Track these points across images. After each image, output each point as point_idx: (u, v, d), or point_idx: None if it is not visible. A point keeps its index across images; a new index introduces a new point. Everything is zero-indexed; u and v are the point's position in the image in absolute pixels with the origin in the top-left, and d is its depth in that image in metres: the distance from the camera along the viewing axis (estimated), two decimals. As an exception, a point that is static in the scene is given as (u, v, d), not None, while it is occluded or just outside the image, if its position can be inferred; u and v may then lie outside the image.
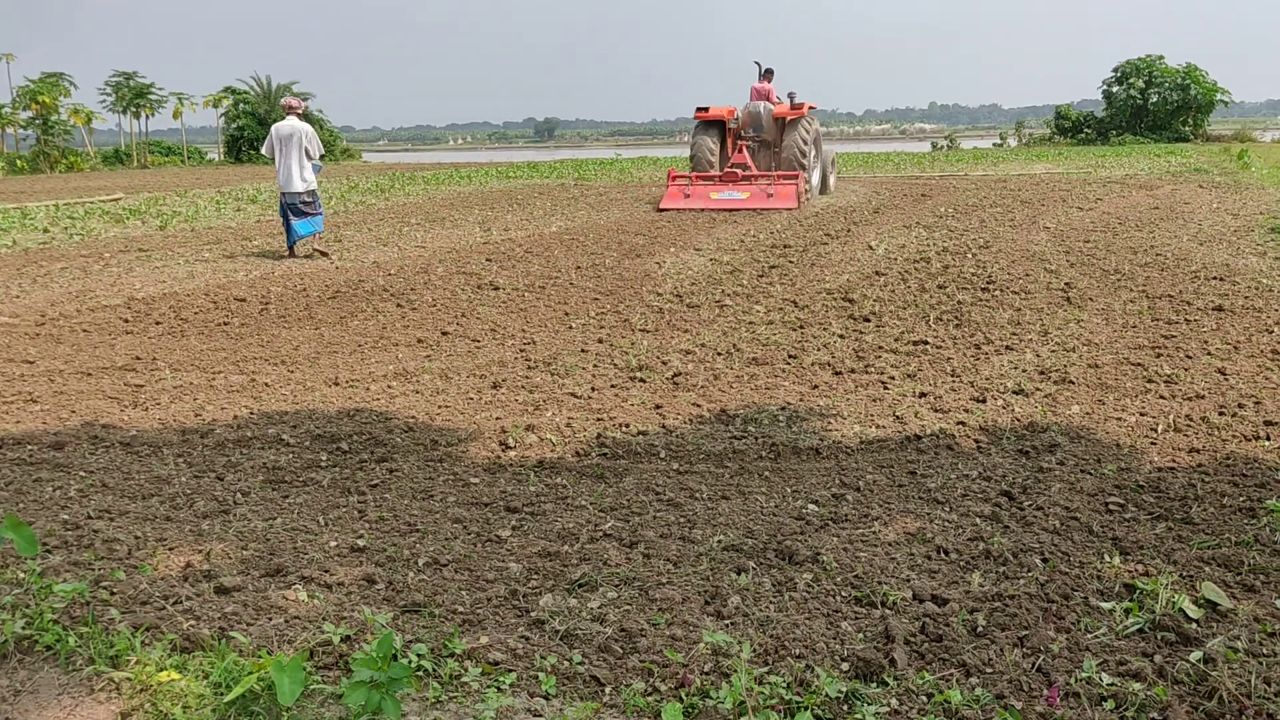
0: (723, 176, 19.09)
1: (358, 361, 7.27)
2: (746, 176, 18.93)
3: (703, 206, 18.19)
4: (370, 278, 10.89)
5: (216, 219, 18.68)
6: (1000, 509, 4.11)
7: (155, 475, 4.74)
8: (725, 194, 18.52)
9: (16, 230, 16.97)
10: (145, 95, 55.65)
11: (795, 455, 4.98)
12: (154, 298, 9.90)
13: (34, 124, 50.54)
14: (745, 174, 19.00)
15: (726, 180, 18.95)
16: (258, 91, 56.26)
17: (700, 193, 18.61)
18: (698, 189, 18.72)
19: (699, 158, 20.14)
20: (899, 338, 7.50)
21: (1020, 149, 47.56)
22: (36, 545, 3.47)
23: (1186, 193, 18.39)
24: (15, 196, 27.00)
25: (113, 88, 55.59)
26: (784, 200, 18.21)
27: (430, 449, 5.17)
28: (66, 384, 6.60)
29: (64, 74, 52.97)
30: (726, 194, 18.51)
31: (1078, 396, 5.77)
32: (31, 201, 23.86)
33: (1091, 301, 8.51)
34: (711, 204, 18.27)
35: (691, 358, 7.11)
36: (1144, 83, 49.22)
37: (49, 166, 48.09)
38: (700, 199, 18.44)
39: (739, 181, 18.81)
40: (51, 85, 51.15)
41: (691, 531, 3.98)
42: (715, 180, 19.03)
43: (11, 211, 20.80)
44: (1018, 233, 13.29)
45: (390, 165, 50.41)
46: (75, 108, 52.98)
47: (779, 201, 18.19)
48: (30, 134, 52.29)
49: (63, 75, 52.84)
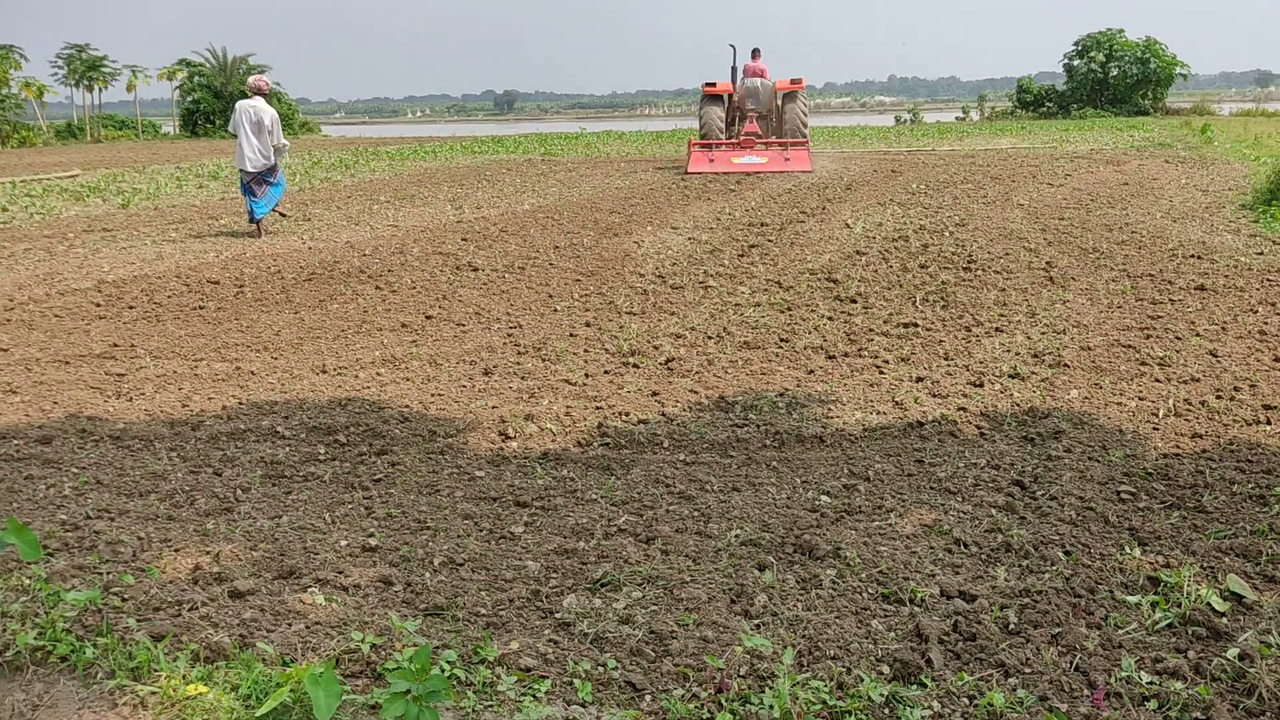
0: (741, 143, 20.49)
1: (342, 347, 7.15)
2: (763, 142, 20.54)
3: (726, 170, 19.54)
4: (345, 258, 10.72)
5: (179, 197, 18.32)
6: (1014, 499, 4.11)
7: (150, 471, 4.62)
8: (746, 159, 20.07)
9: (-27, 209, 16.54)
10: (98, 68, 54.39)
11: (800, 444, 4.95)
12: (124, 280, 9.68)
13: (-17, 98, 49.24)
14: (761, 140, 20.64)
15: (745, 146, 20.41)
16: (213, 64, 55.14)
17: (723, 158, 20.03)
18: (720, 154, 20.16)
19: (710, 126, 21.41)
20: (888, 319, 7.49)
21: (983, 123, 47.77)
22: (40, 549, 3.37)
23: (1154, 168, 18.55)
24: (-33, 173, 26.32)
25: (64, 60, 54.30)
26: (800, 164, 19.81)
27: (429, 440, 5.09)
28: (45, 373, 6.43)
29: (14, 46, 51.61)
30: (747, 159, 20.07)
31: (1074, 380, 5.79)
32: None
33: (1074, 281, 8.55)
34: (734, 168, 19.64)
35: (682, 342, 7.05)
36: (1104, 56, 49.52)
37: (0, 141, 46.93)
38: (723, 163, 19.80)
39: (755, 148, 20.32)
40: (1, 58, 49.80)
41: (707, 526, 3.94)
42: (735, 146, 20.46)
43: (-35, 189, 20.29)
44: (992, 210, 13.33)
45: (351, 139, 49.71)
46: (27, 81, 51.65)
47: (795, 165, 19.76)
48: (-21, 108, 50.96)
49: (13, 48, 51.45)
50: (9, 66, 49.92)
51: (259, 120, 12.58)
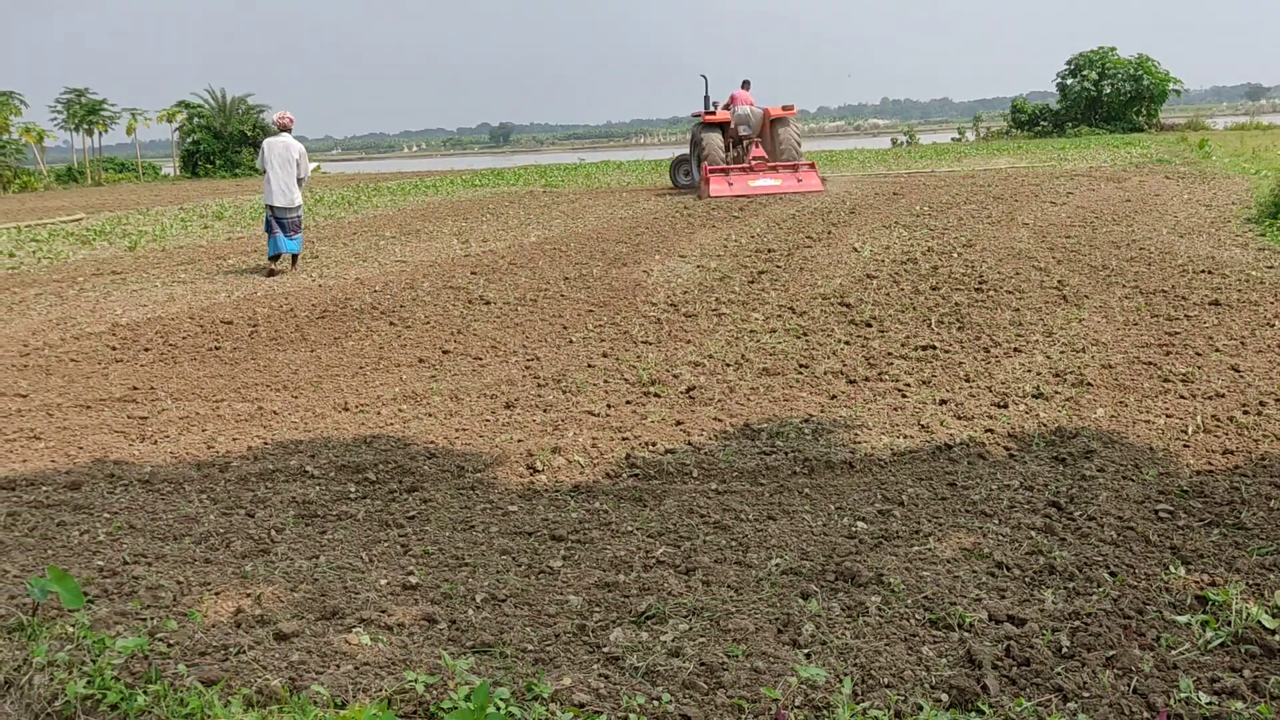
0: (753, 167, 21.31)
1: (362, 384, 7.16)
2: (772, 166, 21.40)
3: (744, 193, 20.40)
4: (357, 295, 10.74)
5: (185, 238, 18.39)
6: (1052, 520, 4.10)
7: (183, 514, 4.61)
8: (761, 181, 20.91)
9: (-20, 255, 16.60)
10: (98, 111, 54.64)
11: (830, 470, 4.95)
12: (138, 323, 9.70)
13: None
14: (771, 164, 21.52)
15: (758, 170, 21.20)
16: (213, 105, 55.44)
17: (740, 181, 20.85)
18: (738, 178, 20.94)
19: (713, 153, 22.13)
20: (905, 342, 7.50)
21: (980, 143, 48.00)
22: (81, 597, 3.36)
23: (1155, 184, 18.63)
24: (-29, 219, 26.42)
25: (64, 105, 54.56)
26: (811, 184, 20.82)
27: (458, 476, 5.08)
28: (68, 418, 6.44)
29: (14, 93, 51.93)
30: (761, 181, 20.91)
31: (1099, 399, 5.79)
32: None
33: (1088, 299, 8.57)
34: (751, 190, 20.55)
35: (701, 370, 7.06)
36: (1097, 74, 49.84)
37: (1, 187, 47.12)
38: (741, 187, 20.66)
39: (766, 171, 21.19)
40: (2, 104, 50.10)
41: (746, 555, 3.93)
42: (749, 170, 21.22)
43: (-29, 235, 20.37)
44: (998, 230, 13.37)
45: (350, 176, 49.91)
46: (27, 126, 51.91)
47: (807, 186, 20.75)
48: (-20, 154, 51.19)
49: (13, 94, 51.80)
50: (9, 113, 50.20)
51: (288, 156, 12.83)
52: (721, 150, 22.34)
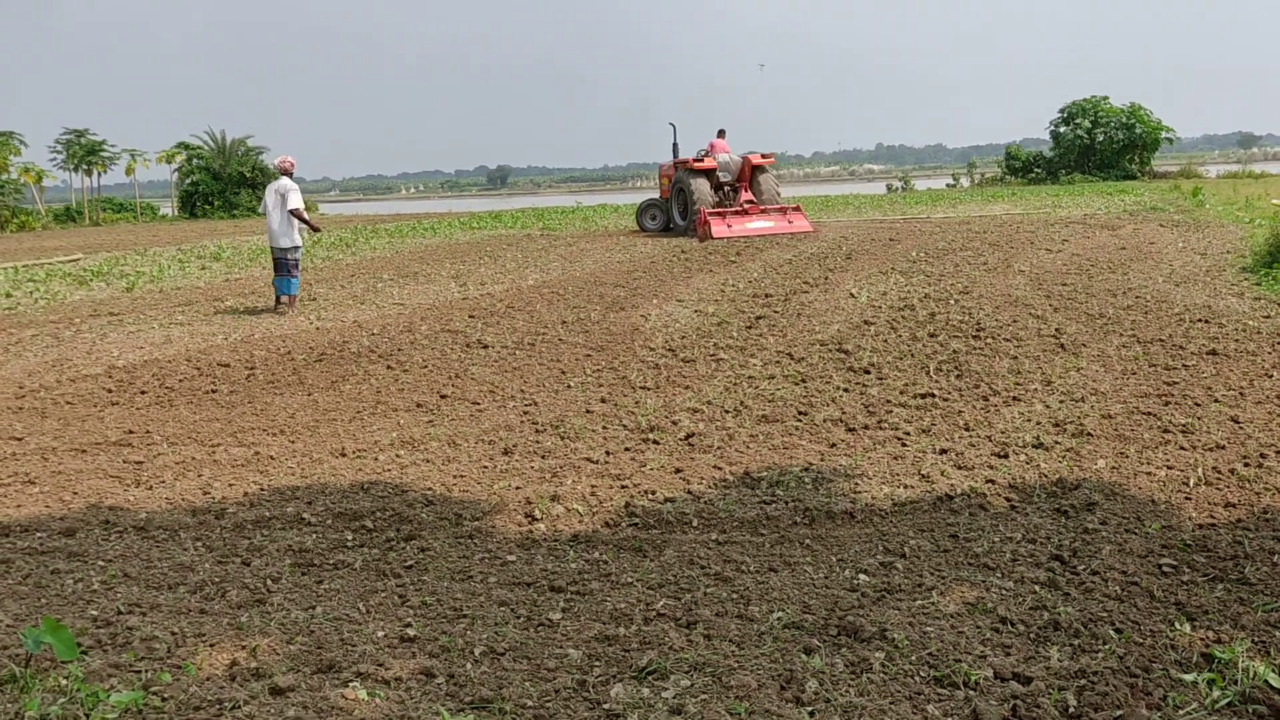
0: (749, 210, 22.54)
1: (359, 429, 7.13)
2: (763, 209, 22.69)
3: (743, 235, 21.32)
4: (354, 338, 10.74)
5: (183, 279, 18.42)
6: (1056, 574, 4.07)
7: (178, 562, 4.57)
8: (756, 224, 22.05)
9: (-23, 295, 16.60)
10: (97, 152, 54.98)
11: (830, 520, 4.92)
12: (135, 365, 9.68)
13: (-18, 183, 49.68)
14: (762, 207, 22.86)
15: (752, 213, 22.38)
16: (212, 146, 55.80)
17: (738, 223, 21.84)
18: (735, 220, 21.93)
19: (703, 197, 23.13)
20: (903, 390, 7.49)
21: (974, 189, 48.36)
22: (75, 648, 3.32)
23: (1149, 232, 18.75)
24: (-31, 258, 26.46)
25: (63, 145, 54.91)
26: (801, 226, 22.14)
27: (457, 524, 5.04)
28: (63, 462, 6.40)
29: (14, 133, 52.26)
30: (757, 224, 22.07)
31: (1100, 449, 5.77)
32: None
33: (1085, 348, 8.58)
34: (747, 232, 21.54)
35: (700, 416, 7.05)
36: (1090, 123, 50.33)
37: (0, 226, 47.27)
38: (739, 229, 21.62)
39: (758, 214, 22.42)
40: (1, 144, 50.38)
41: (747, 608, 3.90)
42: (744, 213, 22.34)
43: (-31, 275, 20.38)
44: (994, 277, 13.43)
45: (348, 217, 50.11)
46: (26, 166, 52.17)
47: (798, 227, 22.06)
48: (-22, 194, 51.38)
49: (12, 134, 52.12)
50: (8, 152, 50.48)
51: (281, 196, 13.21)
52: (710, 195, 23.31)
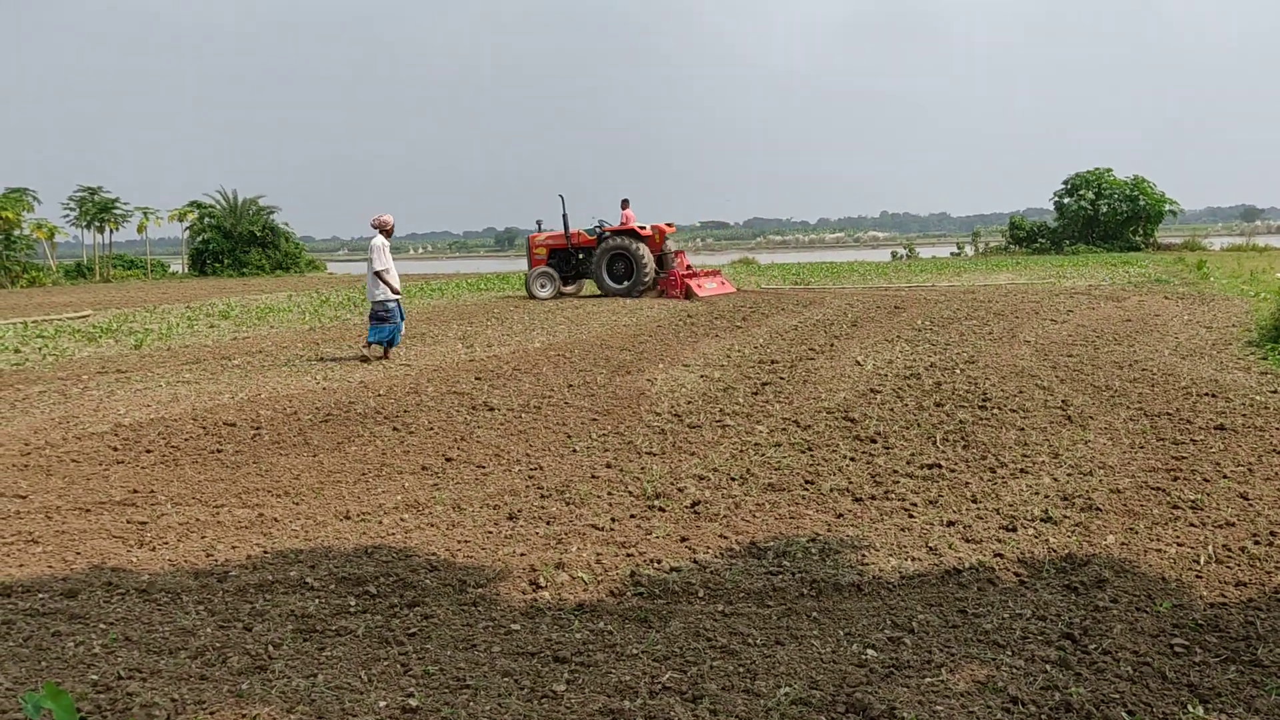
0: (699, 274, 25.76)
1: (364, 491, 7.11)
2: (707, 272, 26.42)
3: (706, 295, 24.44)
4: (361, 398, 10.74)
5: (191, 337, 18.49)
6: (1066, 653, 4.02)
7: (179, 627, 4.53)
8: (710, 285, 25.37)
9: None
10: (110, 210, 55.41)
11: (838, 593, 4.88)
12: (141, 423, 9.68)
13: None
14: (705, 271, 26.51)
15: (702, 276, 25.64)
16: (224, 205, 56.35)
17: (700, 285, 24.89)
18: (699, 282, 25.00)
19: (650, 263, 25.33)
20: (910, 460, 7.47)
21: (979, 258, 48.65)
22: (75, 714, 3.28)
23: (1154, 304, 18.81)
24: (-21, 313, 26.63)
25: (77, 203, 55.41)
26: (730, 288, 26.31)
27: (461, 591, 5.01)
28: (66, 521, 6.37)
29: (27, 189, 52.78)
30: (710, 284, 25.38)
31: (1109, 525, 5.74)
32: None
33: (1092, 420, 8.57)
34: (707, 293, 24.69)
35: (706, 484, 7.02)
36: (1094, 194, 50.79)
37: (10, 281, 47.59)
38: (702, 290, 24.72)
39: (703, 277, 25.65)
40: (14, 200, 50.83)
41: (754, 683, 3.85)
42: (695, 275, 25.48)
43: (-22, 329, 20.49)
44: (1000, 347, 13.45)
45: (356, 276, 50.41)
46: (38, 223, 52.65)
47: (729, 289, 26.14)
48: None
49: (26, 190, 52.65)
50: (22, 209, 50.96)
51: (371, 252, 14.38)
52: (654, 261, 25.39)
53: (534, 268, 26.39)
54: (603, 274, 25.55)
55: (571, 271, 26.39)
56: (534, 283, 26.25)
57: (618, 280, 25.44)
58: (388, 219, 14.74)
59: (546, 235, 26.82)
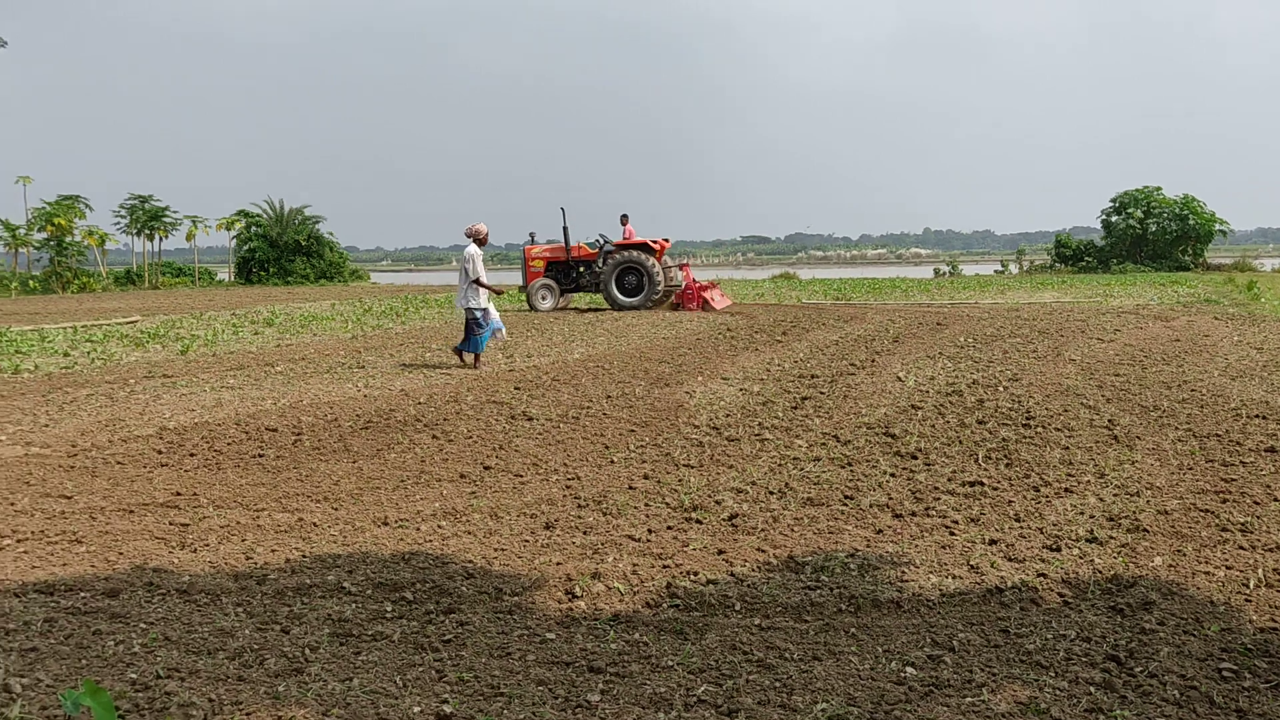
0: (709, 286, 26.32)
1: (402, 498, 7.13)
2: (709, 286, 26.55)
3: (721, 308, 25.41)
4: (401, 406, 10.80)
5: (235, 343, 18.72)
6: (1111, 675, 3.93)
7: (218, 628, 4.56)
8: (719, 298, 26.12)
9: (36, 354, 16.99)
10: (160, 218, 56.42)
11: (876, 609, 4.82)
12: (185, 427, 9.79)
13: (48, 245, 51.15)
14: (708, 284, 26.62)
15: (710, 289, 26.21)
16: (270, 214, 57.15)
17: (713, 298, 25.55)
18: (713, 295, 25.69)
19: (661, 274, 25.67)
20: (951, 477, 7.38)
21: (1023, 276, 48.18)
22: (114, 712, 3.30)
23: (1204, 324, 18.50)
24: (31, 318, 27.16)
25: (127, 210, 56.45)
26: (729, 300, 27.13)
27: (496, 599, 5.00)
28: (110, 522, 6.45)
29: (80, 196, 53.87)
30: (719, 298, 26.11)
31: (1156, 546, 5.62)
32: (48, 323, 23.97)
33: (1140, 440, 8.42)
34: (720, 306, 25.63)
35: (744, 497, 6.97)
36: (1143, 213, 50.17)
37: (61, 287, 48.54)
38: (716, 303, 25.50)
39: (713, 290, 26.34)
40: (67, 208, 51.90)
41: (791, 698, 3.80)
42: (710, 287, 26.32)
43: (30, 334, 20.89)
44: (1044, 365, 13.28)
45: (399, 286, 50.97)
46: (90, 229, 53.68)
47: (728, 301, 26.87)
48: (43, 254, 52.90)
49: (78, 198, 53.72)
50: (74, 216, 52.00)
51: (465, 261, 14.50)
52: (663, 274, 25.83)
53: (532, 280, 26.37)
54: (612, 288, 25.60)
55: (571, 285, 26.32)
56: (535, 295, 26.34)
57: (628, 294, 25.58)
58: (482, 227, 14.86)
59: (543, 247, 26.83)
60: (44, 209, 51.65)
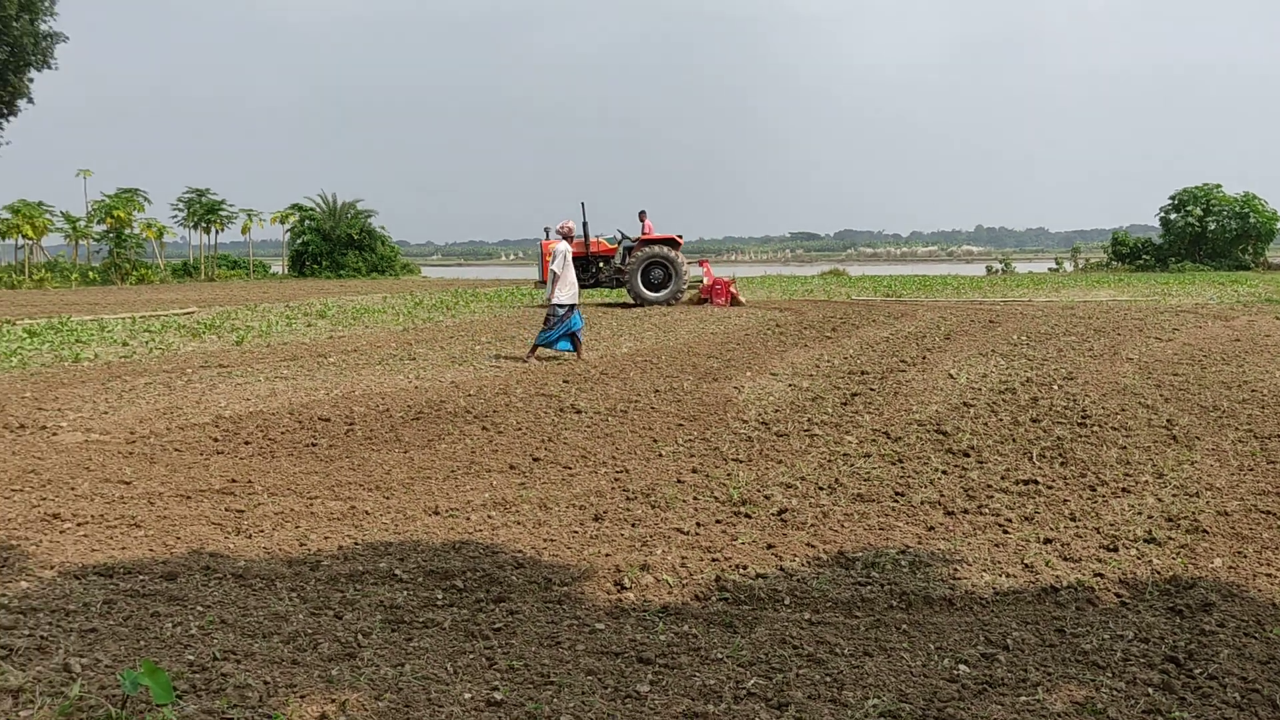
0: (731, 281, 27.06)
1: (453, 488, 7.18)
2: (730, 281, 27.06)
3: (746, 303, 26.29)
4: (451, 398, 10.88)
5: (289, 334, 18.98)
6: (1170, 677, 3.86)
7: (273, 612, 4.62)
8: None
9: (96, 343, 17.34)
10: (216, 211, 57.29)
11: (928, 606, 4.77)
12: (240, 416, 9.94)
13: (107, 237, 52.17)
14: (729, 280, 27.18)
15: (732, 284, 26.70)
16: (324, 208, 57.82)
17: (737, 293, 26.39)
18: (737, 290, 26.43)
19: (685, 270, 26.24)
20: (1005, 475, 7.28)
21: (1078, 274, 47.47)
22: (171, 692, 3.36)
23: (1265, 324, 18.09)
24: (91, 308, 27.73)
25: (185, 204, 57.38)
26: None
27: (545, 588, 5.02)
28: (168, 508, 6.57)
29: (139, 189, 54.86)
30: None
31: (1216, 548, 5.51)
32: (107, 313, 24.46)
33: (1199, 441, 8.25)
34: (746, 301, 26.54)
35: (794, 492, 6.93)
36: (1202, 210, 49.17)
37: (120, 278, 49.49)
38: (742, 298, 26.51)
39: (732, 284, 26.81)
40: (126, 200, 52.89)
41: (841, 693, 3.77)
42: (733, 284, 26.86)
43: (90, 324, 21.33)
44: (1100, 364, 13.06)
45: (449, 281, 51.36)
46: (148, 222, 54.68)
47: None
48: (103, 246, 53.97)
49: (138, 191, 54.72)
50: (133, 209, 52.98)
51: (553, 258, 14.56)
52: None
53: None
54: (638, 282, 25.49)
55: (590, 280, 26.01)
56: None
57: (654, 288, 25.54)
58: (571, 225, 15.11)
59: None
60: (104, 201, 52.69)
